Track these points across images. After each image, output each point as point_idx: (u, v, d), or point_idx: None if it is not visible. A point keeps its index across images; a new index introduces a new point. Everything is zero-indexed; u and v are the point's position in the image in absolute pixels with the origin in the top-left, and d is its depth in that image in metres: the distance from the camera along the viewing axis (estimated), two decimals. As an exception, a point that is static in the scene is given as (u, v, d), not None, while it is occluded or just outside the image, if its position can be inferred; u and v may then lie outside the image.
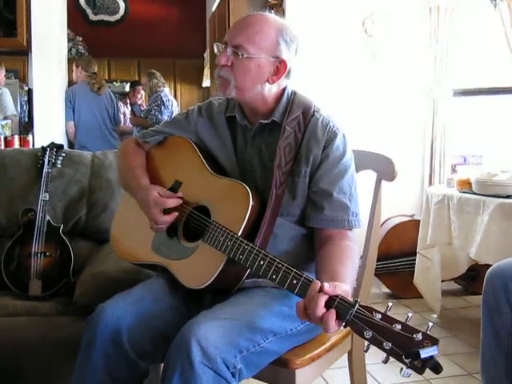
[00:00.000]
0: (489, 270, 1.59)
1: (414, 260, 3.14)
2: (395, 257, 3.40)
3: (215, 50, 1.45)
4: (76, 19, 7.19)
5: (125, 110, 5.92)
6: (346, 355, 1.67)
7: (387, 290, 3.49)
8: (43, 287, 1.94)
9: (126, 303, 1.38)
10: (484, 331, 1.58)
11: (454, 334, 2.84)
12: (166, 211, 1.44)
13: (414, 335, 0.99)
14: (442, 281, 3.09)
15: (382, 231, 3.38)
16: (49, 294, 1.94)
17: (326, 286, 1.10)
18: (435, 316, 3.07)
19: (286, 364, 1.38)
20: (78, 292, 1.79)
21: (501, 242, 2.47)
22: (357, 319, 1.05)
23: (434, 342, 0.97)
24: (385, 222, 3.51)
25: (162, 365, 1.27)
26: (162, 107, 5.14)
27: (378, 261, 1.81)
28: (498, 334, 1.53)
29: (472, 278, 3.36)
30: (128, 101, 6.15)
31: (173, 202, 1.45)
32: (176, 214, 1.44)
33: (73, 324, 1.69)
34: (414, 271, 3.13)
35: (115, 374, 1.33)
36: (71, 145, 4.46)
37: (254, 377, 1.35)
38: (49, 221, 2.03)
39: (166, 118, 5.03)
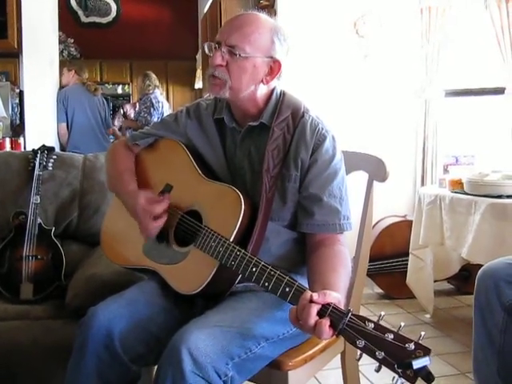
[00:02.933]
0: (480, 270, 1.60)
1: (407, 260, 3.15)
2: (388, 257, 3.41)
3: (206, 50, 1.42)
4: (67, 21, 7.16)
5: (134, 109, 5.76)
6: (339, 356, 1.67)
7: (380, 291, 3.49)
8: (35, 290, 1.93)
9: (119, 306, 1.37)
10: (476, 330, 1.58)
11: (446, 334, 2.85)
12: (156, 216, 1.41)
13: (407, 345, 0.99)
14: (435, 281, 3.10)
15: (374, 232, 3.38)
16: (40, 298, 1.93)
17: (315, 296, 1.09)
18: (428, 316, 3.08)
19: (279, 366, 1.38)
20: (70, 295, 1.78)
21: (492, 242, 2.48)
22: (349, 328, 1.05)
23: (426, 351, 0.97)
24: (377, 222, 3.52)
25: (155, 368, 1.27)
26: (152, 109, 5.13)
27: (370, 261, 1.81)
28: (490, 333, 1.53)
29: (464, 277, 3.37)
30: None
31: (161, 208, 1.41)
32: (165, 217, 1.42)
33: (65, 327, 1.69)
34: (406, 271, 3.14)
35: (107, 377, 1.32)
36: (63, 147, 4.43)
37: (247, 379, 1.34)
38: (40, 224, 2.02)
39: (155, 119, 5.00)
